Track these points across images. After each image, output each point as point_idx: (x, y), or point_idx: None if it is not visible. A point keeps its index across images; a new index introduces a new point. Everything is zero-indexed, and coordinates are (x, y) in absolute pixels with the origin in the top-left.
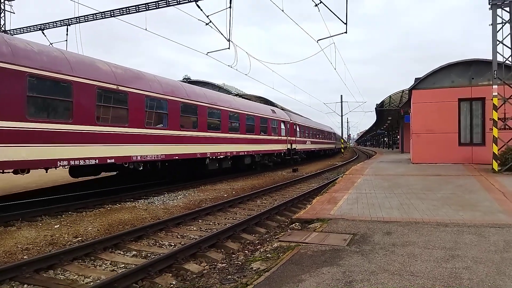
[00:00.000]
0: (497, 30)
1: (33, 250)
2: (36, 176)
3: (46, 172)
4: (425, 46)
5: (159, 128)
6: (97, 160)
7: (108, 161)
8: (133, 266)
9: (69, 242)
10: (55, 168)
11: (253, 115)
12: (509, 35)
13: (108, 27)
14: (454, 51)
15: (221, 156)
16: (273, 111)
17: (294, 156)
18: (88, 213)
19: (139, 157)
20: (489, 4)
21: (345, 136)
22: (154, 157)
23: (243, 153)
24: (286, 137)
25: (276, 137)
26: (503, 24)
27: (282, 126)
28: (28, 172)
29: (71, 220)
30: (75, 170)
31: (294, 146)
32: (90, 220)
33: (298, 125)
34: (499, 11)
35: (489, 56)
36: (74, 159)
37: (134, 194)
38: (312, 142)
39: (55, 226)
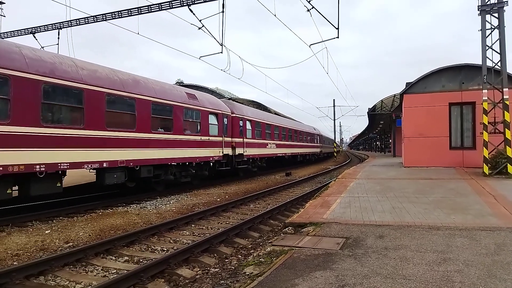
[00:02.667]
0: (486, 35)
1: (23, 256)
2: None
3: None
4: (417, 50)
5: None
6: None
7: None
8: (125, 271)
9: (60, 248)
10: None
11: (129, 97)
12: (498, 40)
13: (102, 30)
14: (445, 56)
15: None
16: (192, 97)
17: (242, 165)
18: (79, 218)
19: None
20: (478, 10)
21: (337, 140)
22: None
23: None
24: (221, 138)
25: (198, 138)
26: (492, 29)
27: (213, 120)
28: None
29: (62, 225)
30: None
31: (240, 150)
32: (81, 225)
33: (251, 121)
34: (488, 17)
35: (479, 61)
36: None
37: (126, 199)
38: (279, 146)
39: (46, 232)
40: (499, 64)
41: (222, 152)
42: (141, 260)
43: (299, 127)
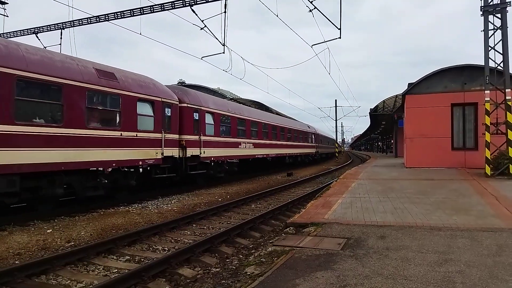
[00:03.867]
0: (489, 36)
1: (25, 255)
2: None
3: None
4: (420, 51)
5: None
6: None
7: None
8: (126, 271)
9: (62, 247)
10: None
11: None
12: (501, 41)
13: (105, 30)
14: (449, 56)
15: None
16: (106, 75)
17: (198, 170)
18: (81, 218)
19: None
20: (481, 10)
21: (339, 140)
22: None
23: None
24: (160, 134)
25: (117, 133)
26: (495, 30)
27: (147, 110)
28: None
29: (63, 224)
30: None
31: (195, 151)
32: (83, 225)
33: (213, 113)
34: (490, 17)
35: (482, 62)
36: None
37: (128, 198)
38: (259, 145)
39: (48, 231)
40: (501, 65)
41: (162, 154)
42: (142, 259)
43: (287, 123)
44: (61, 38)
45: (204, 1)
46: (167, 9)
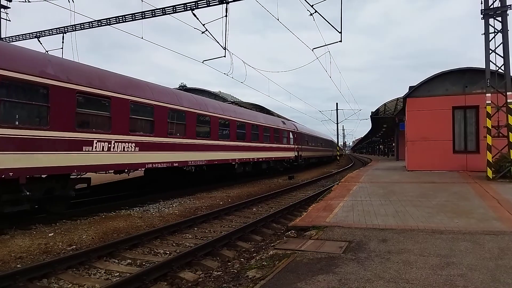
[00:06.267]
0: (490, 39)
1: (27, 258)
2: None
3: None
4: (421, 55)
5: None
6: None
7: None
8: (128, 274)
9: (63, 251)
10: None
11: None
12: (501, 44)
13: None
14: (451, 60)
15: None
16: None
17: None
18: (82, 221)
19: None
20: (481, 14)
21: (340, 143)
22: None
23: None
24: None
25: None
26: (496, 33)
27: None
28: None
29: (65, 228)
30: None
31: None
32: (84, 228)
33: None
34: (491, 20)
35: (483, 65)
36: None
37: (129, 201)
38: (161, 146)
39: (49, 234)
40: (502, 67)
41: None
42: (144, 263)
43: (233, 114)
44: (62, 42)
45: (206, 5)
46: (169, 13)
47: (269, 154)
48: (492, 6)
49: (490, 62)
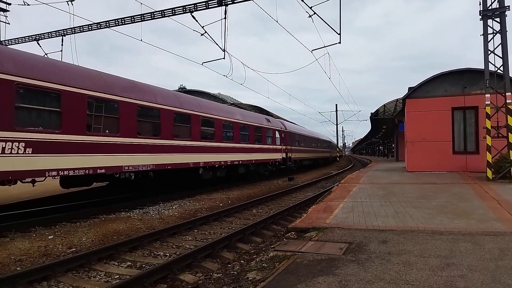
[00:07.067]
0: (488, 40)
1: (26, 261)
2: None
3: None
4: (421, 56)
5: None
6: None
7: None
8: (128, 277)
9: (63, 253)
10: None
11: None
12: (500, 45)
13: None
14: (450, 61)
15: None
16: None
17: None
18: (82, 224)
19: None
20: (480, 15)
21: (340, 144)
22: None
23: None
24: None
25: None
26: (494, 34)
27: None
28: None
29: (65, 230)
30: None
31: None
32: (84, 231)
33: None
34: (490, 21)
35: (482, 66)
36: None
37: (129, 204)
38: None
39: (49, 237)
40: (501, 68)
41: None
42: (143, 265)
43: (195, 108)
44: (62, 45)
45: (205, 7)
46: (168, 16)
47: (248, 156)
48: (490, 7)
49: (489, 63)
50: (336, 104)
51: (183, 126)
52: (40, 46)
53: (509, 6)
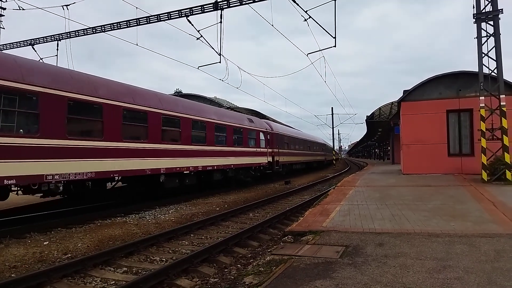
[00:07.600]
0: (482, 43)
1: (21, 268)
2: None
3: None
4: (416, 59)
5: None
6: None
7: None
8: (124, 282)
9: (59, 259)
10: None
11: None
12: (494, 48)
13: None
14: (445, 64)
15: None
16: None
17: None
18: (77, 229)
19: None
20: (474, 18)
21: (336, 147)
22: None
23: None
24: None
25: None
26: (488, 37)
27: None
28: None
29: (60, 236)
30: None
31: None
32: (80, 236)
33: None
34: (483, 24)
35: (476, 68)
36: None
37: (125, 209)
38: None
39: (44, 243)
40: (495, 71)
41: None
42: (140, 271)
43: (156, 104)
44: (57, 49)
45: (200, 11)
46: (164, 20)
47: (225, 160)
48: (484, 10)
49: (483, 66)
50: (332, 107)
51: (138, 126)
52: (35, 51)
53: (502, 9)
